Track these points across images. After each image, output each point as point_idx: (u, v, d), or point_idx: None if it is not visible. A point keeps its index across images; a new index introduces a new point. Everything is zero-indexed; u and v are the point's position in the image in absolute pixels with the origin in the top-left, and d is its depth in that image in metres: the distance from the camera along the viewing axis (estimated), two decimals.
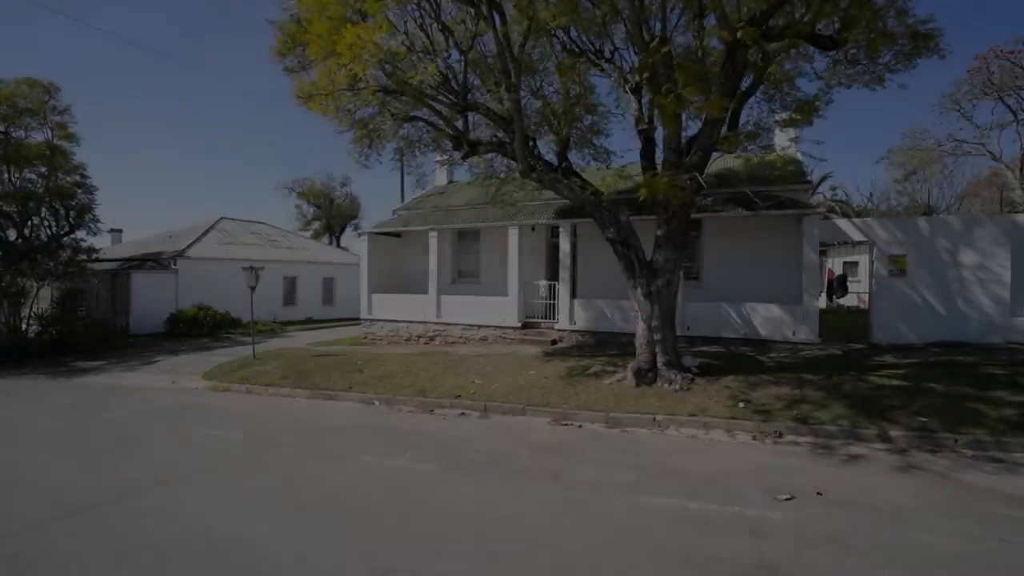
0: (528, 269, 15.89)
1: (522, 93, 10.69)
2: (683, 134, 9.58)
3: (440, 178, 21.31)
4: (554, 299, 15.37)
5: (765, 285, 14.09)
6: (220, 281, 23.98)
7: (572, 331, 14.57)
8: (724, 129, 9.05)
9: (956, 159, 34.48)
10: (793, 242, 13.94)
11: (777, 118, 11.50)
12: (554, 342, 14.53)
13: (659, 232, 9.49)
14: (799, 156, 15.82)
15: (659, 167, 9.89)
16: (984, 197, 36.21)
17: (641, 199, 9.14)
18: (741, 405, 8.31)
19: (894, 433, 7.18)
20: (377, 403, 10.40)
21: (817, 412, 7.88)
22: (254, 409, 10.04)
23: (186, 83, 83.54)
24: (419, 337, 16.80)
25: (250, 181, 79.42)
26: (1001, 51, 27.87)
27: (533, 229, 16.66)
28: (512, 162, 12.20)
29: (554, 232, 16.91)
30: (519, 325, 15.20)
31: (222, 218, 30.03)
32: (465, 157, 11.91)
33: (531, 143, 10.94)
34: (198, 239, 25.91)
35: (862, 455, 6.65)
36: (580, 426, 8.44)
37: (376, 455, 6.93)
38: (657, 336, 9.39)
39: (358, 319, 21.20)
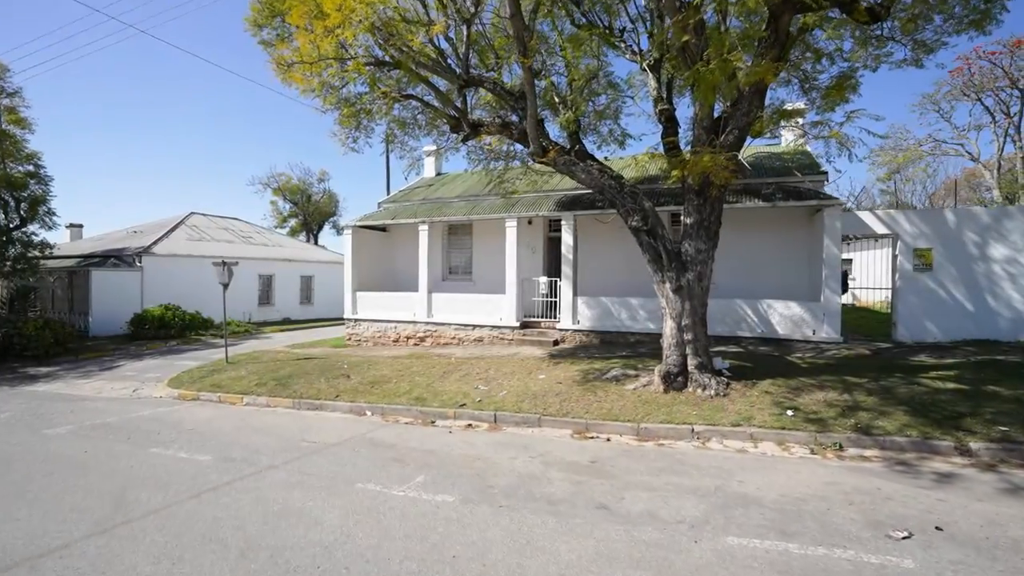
0: (525, 265, 14.69)
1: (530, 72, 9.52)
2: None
3: (428, 170, 19.95)
4: (555, 297, 14.19)
5: (780, 281, 13.19)
6: (190, 279, 22.19)
7: (575, 331, 13.41)
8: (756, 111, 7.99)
9: (936, 159, 34.61)
10: (810, 235, 13.06)
11: (803, 103, 10.59)
12: (556, 343, 13.36)
13: (688, 220, 8.38)
14: (806, 148, 15.07)
15: (684, 151, 8.80)
16: (962, 198, 36.36)
17: (671, 182, 8.02)
18: (789, 413, 7.24)
19: (974, 445, 6.18)
20: (370, 413, 9.06)
21: (878, 421, 6.85)
22: (226, 423, 8.60)
23: (156, 71, 79.92)
24: (408, 338, 15.43)
25: (222, 177, 76.21)
26: (984, 52, 27.85)
27: (530, 223, 15.47)
28: (519, 145, 11.00)
29: (552, 226, 15.77)
30: (517, 325, 13.98)
31: (192, 213, 28.08)
32: (465, 139, 10.65)
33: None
34: (166, 235, 24.00)
35: (952, 474, 5.61)
36: (608, 439, 7.26)
37: (377, 483, 5.62)
38: (688, 336, 8.27)
39: (338, 319, 19.73)
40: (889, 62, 9.55)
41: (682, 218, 8.55)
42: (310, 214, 41.76)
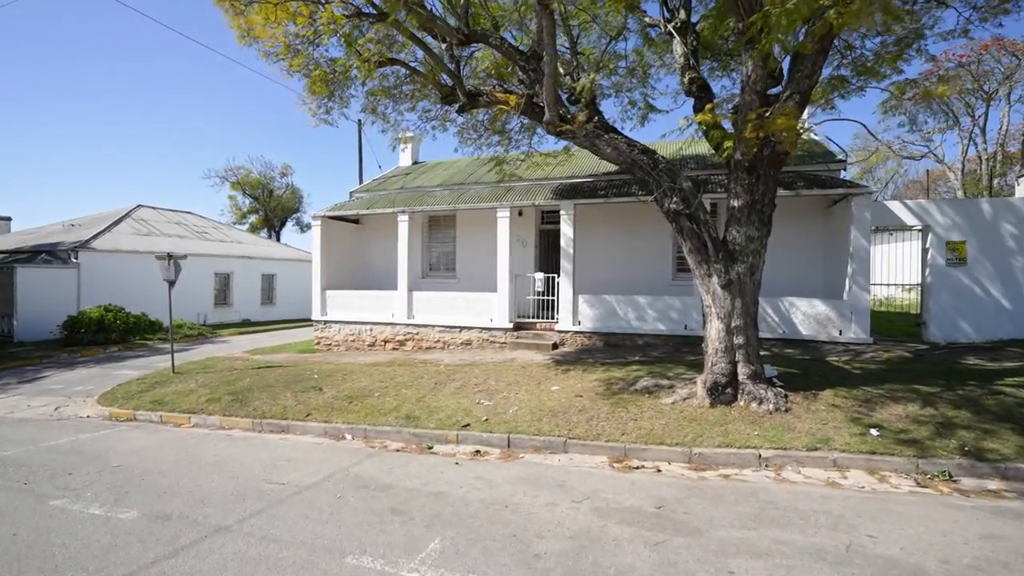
0: (516, 260, 13.07)
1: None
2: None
3: (405, 158, 18.09)
4: (553, 295, 12.63)
5: (795, 277, 11.99)
6: (136, 278, 19.62)
7: (576, 333, 11.88)
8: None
9: (902, 161, 34.81)
10: (825, 228, 11.92)
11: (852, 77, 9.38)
12: (555, 346, 11.79)
13: (736, 203, 6.94)
14: (815, 136, 14.01)
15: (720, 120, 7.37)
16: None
17: (723, 155, 6.57)
18: (874, 433, 5.88)
19: None
20: (350, 437, 7.28)
21: (986, 442, 5.55)
22: (166, 454, 6.66)
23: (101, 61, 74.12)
24: (386, 342, 13.59)
25: (174, 169, 71.05)
26: (953, 55, 27.86)
27: (520, 214, 13.87)
28: (524, 118, 9.38)
29: (545, 217, 14.22)
30: (510, 326, 12.36)
31: (139, 206, 25.28)
32: (461, 110, 8.96)
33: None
34: (108, 228, 21.30)
35: None
36: (658, 469, 5.73)
37: (376, 555, 3.90)
38: (738, 339, 6.83)
39: (303, 321, 17.71)
40: (936, 33, 8.40)
41: (728, 202, 7.10)
42: (272, 210, 38.95)
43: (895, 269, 13.30)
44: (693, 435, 6.19)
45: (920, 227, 10.68)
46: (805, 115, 13.68)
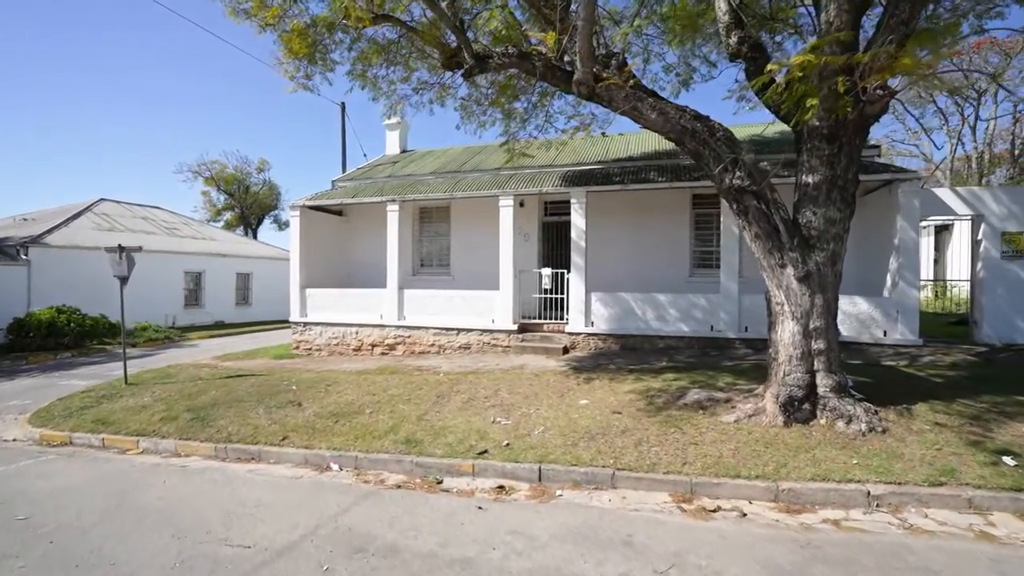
0: (519, 255, 11.66)
1: None
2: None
3: (391, 146, 16.54)
4: (561, 293, 11.26)
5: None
6: (96, 277, 17.62)
7: (589, 335, 10.52)
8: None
9: (893, 159, 34.33)
10: (864, 217, 10.70)
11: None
12: (566, 350, 10.41)
13: (811, 179, 5.64)
14: None
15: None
16: None
17: (807, 116, 5.24)
18: (1009, 462, 4.61)
19: None
20: (337, 468, 5.77)
21: None
22: (96, 497, 5.07)
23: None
24: (373, 346, 12.04)
25: (146, 164, 67.29)
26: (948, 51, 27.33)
27: (522, 204, 12.47)
28: (541, 86, 7.98)
29: (549, 209, 12.84)
30: (514, 328, 10.93)
31: (101, 199, 23.19)
32: (468, 75, 7.51)
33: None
34: (64, 223, 19.26)
35: None
36: (742, 513, 4.37)
37: None
38: (819, 344, 5.52)
39: (281, 323, 16.11)
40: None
41: (799, 179, 5.79)
42: (248, 207, 36.79)
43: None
44: (775, 464, 4.85)
45: (970, 216, 9.58)
46: None
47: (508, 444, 5.70)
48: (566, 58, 6.53)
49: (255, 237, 36.20)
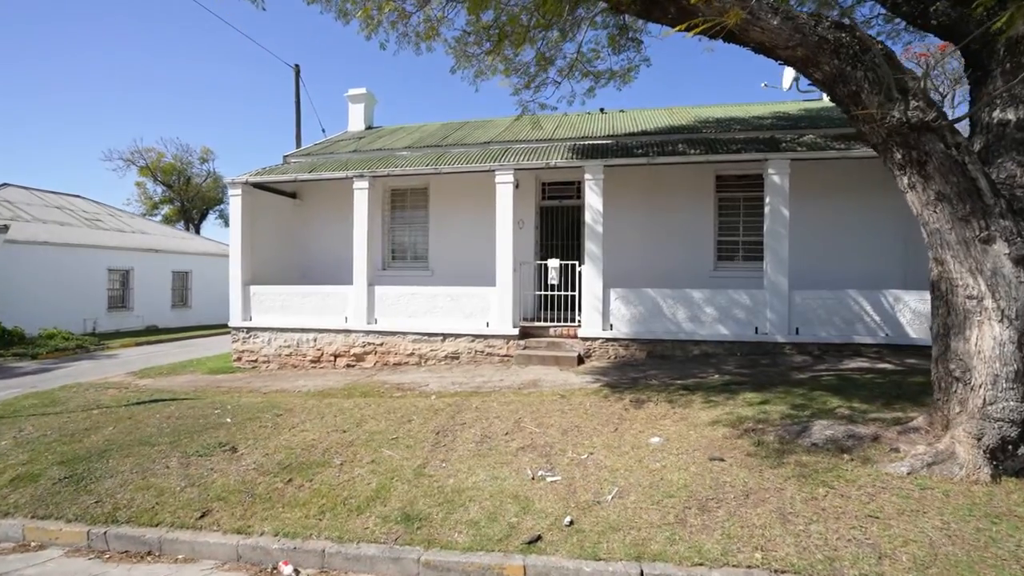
0: (516, 245, 9.48)
1: None
2: None
3: (355, 121, 13.98)
4: (570, 289, 9.17)
5: (866, 265, 9.27)
6: None
7: (608, 340, 8.45)
8: None
9: None
10: (905, 205, 9.20)
11: None
12: (582, 359, 8.31)
13: (1014, 115, 3.75)
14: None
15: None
16: None
17: (1003, 22, 3.32)
18: None
19: None
20: (290, 571, 3.43)
21: None
22: None
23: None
24: (337, 356, 9.56)
25: (75, 152, 60.50)
26: (915, 54, 27.07)
27: (517, 186, 10.29)
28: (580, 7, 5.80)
29: (547, 191, 10.70)
30: (515, 332, 8.73)
31: (5, 184, 19.41)
32: None
33: None
34: None
35: None
36: None
37: None
38: None
39: (223, 327, 13.43)
40: None
41: (984, 118, 3.89)
42: (190, 200, 32.85)
43: None
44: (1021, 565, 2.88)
45: None
46: None
47: (572, 522, 3.50)
48: None
49: (198, 233, 32.37)
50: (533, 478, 4.12)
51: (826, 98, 11.75)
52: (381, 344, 9.36)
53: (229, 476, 4.50)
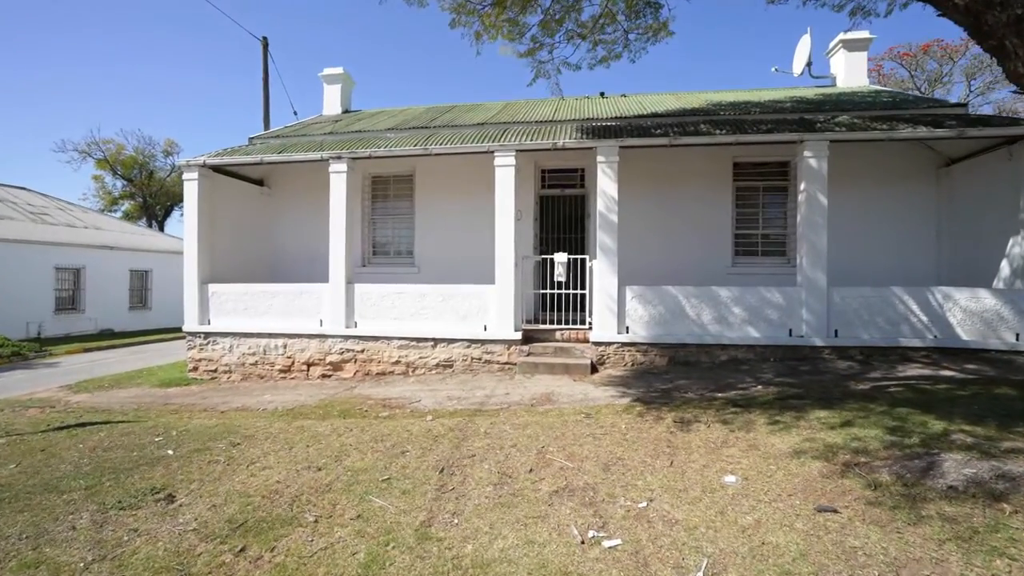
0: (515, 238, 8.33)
1: None
2: None
3: (330, 104, 12.58)
4: (578, 287, 8.06)
5: (898, 261, 8.49)
6: None
7: (624, 345, 7.36)
8: None
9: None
10: (947, 195, 8.34)
11: None
12: (595, 367, 7.19)
13: None
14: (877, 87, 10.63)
15: None
16: None
17: None
18: None
19: None
20: None
21: None
22: None
23: None
24: (310, 365, 8.24)
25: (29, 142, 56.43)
26: (898, 53, 26.85)
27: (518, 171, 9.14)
28: None
29: (548, 179, 9.57)
30: (517, 337, 7.57)
31: None
32: None
33: None
34: None
35: None
36: None
37: None
38: None
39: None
40: None
41: None
42: (152, 195, 30.65)
43: None
44: None
45: None
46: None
47: None
48: None
49: (162, 230, 30.25)
50: (583, 541, 2.97)
51: (841, 83, 10.99)
52: (362, 351, 8.08)
53: (158, 542, 3.22)
